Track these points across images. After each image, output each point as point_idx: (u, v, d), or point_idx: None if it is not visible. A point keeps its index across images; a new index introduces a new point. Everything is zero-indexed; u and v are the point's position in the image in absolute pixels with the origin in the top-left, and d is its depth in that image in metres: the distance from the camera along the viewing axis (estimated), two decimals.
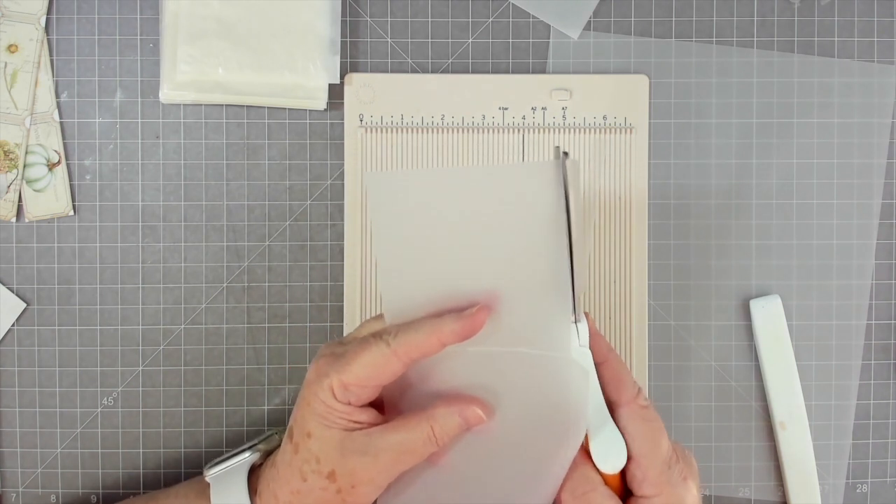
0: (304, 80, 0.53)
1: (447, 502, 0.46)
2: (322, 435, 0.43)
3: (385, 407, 0.46)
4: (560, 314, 0.42)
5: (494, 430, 0.44)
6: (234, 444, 0.54)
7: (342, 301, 0.54)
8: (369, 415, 0.44)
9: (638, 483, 0.42)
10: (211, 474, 0.48)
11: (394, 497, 0.46)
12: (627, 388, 0.44)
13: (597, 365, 0.44)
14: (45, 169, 0.54)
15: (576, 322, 0.43)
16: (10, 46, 0.54)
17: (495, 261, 0.42)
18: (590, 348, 0.43)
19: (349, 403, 0.43)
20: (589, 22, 0.55)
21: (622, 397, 0.44)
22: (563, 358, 0.43)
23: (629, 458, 0.42)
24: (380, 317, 0.46)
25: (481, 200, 0.41)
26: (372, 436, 0.43)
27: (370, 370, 0.42)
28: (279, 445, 0.48)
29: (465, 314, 0.42)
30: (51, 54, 0.54)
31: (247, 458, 0.48)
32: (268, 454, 0.49)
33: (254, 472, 0.48)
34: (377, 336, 0.43)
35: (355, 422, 0.43)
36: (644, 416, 0.43)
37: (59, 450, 0.54)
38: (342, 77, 0.54)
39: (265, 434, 0.50)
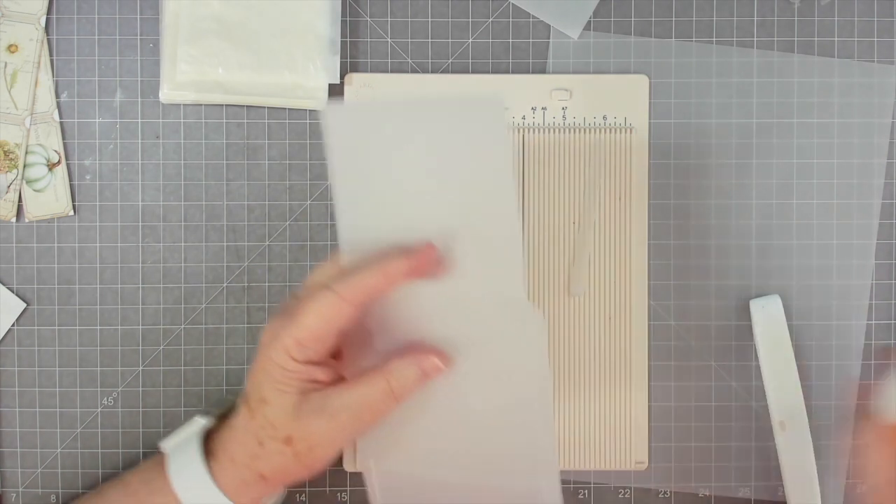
0: (304, 80, 0.53)
1: (425, 443, 0.46)
2: (277, 401, 0.43)
3: (346, 366, 0.45)
4: (511, 256, 0.42)
5: (459, 381, 0.44)
6: None
7: None
8: (328, 373, 0.43)
9: None
10: (165, 444, 0.47)
11: (372, 439, 0.46)
12: None
13: None
14: (45, 169, 0.54)
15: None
16: (10, 46, 0.54)
17: (451, 199, 0.42)
18: None
19: (308, 362, 0.42)
20: (589, 22, 0.55)
21: None
22: (518, 301, 0.43)
23: None
24: (333, 260, 0.45)
25: (435, 135, 0.41)
26: (329, 396, 0.43)
27: (322, 321, 0.41)
28: (234, 407, 0.48)
29: (413, 250, 0.41)
30: (51, 54, 0.54)
31: (199, 422, 0.47)
32: (223, 417, 0.48)
33: (210, 435, 0.47)
34: (323, 285, 0.42)
35: (314, 381, 0.43)
36: None
37: (59, 450, 0.54)
38: (342, 77, 0.54)
39: (220, 398, 0.49)
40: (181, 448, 0.47)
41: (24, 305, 0.54)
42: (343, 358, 0.46)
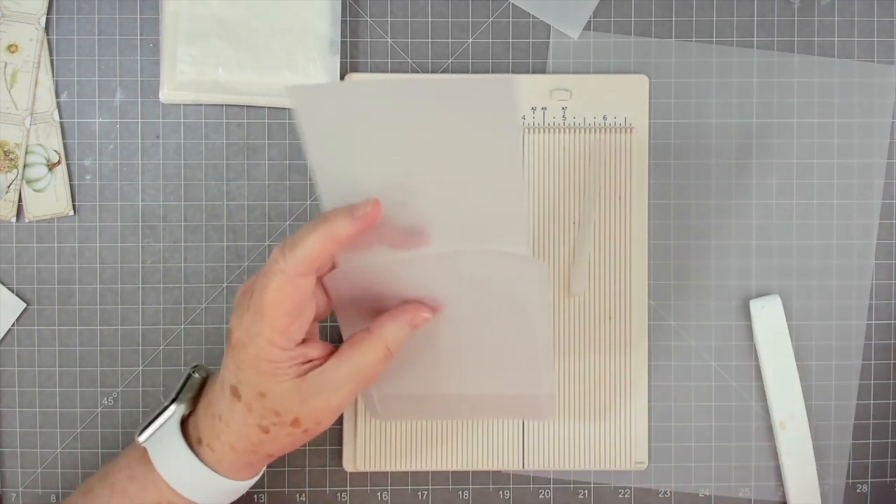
0: (304, 80, 0.53)
1: (424, 364, 0.47)
2: (276, 391, 0.42)
3: (344, 330, 0.46)
4: (513, 213, 0.42)
5: (458, 319, 0.45)
6: None
7: None
8: (318, 349, 0.43)
9: None
10: (143, 438, 0.46)
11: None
12: None
13: None
14: (45, 169, 0.54)
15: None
16: (10, 46, 0.54)
17: (441, 165, 0.41)
18: None
19: (297, 345, 0.42)
20: (589, 22, 0.55)
21: None
22: (519, 255, 0.43)
23: None
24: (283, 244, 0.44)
25: (431, 112, 0.40)
26: (327, 372, 0.43)
27: (286, 303, 0.41)
28: (203, 386, 0.47)
29: (355, 207, 0.41)
30: (51, 54, 0.54)
31: (174, 412, 0.46)
32: (194, 400, 0.47)
33: (187, 421, 0.47)
34: (271, 264, 0.41)
35: (308, 360, 0.43)
36: None
37: (59, 450, 0.54)
38: (342, 77, 0.54)
39: (185, 376, 0.48)
40: (161, 439, 0.46)
41: (24, 305, 0.54)
42: (340, 324, 0.46)
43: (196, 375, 0.48)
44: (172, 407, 0.47)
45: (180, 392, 0.47)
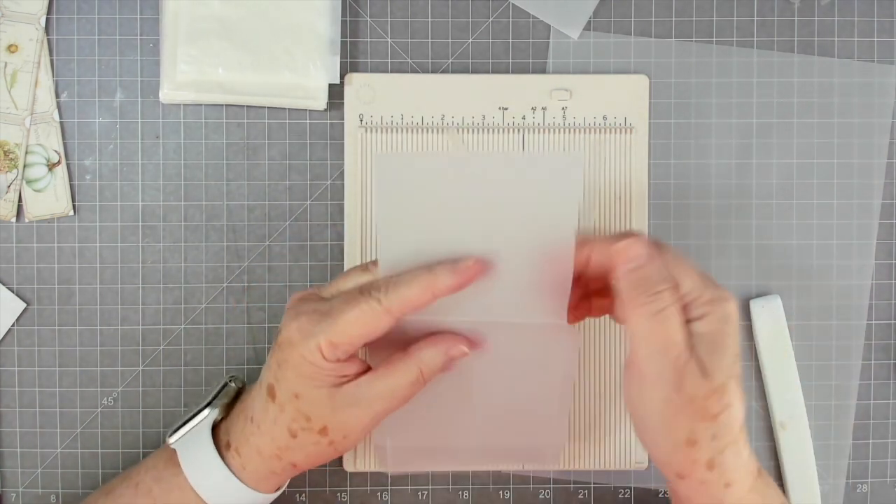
0: (304, 80, 0.53)
1: (440, 414, 0.48)
2: (311, 395, 0.43)
3: (372, 356, 0.46)
4: (559, 286, 0.43)
5: (477, 389, 0.46)
6: None
7: None
8: (355, 366, 0.44)
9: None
10: (174, 440, 0.47)
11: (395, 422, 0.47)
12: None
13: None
14: (45, 169, 0.54)
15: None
16: (10, 46, 0.54)
17: (495, 232, 0.43)
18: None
19: (337, 360, 0.43)
20: (589, 22, 0.55)
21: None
22: (554, 324, 0.44)
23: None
24: (365, 267, 0.45)
25: (491, 181, 0.43)
26: (361, 386, 0.43)
27: (360, 328, 0.42)
28: (238, 395, 0.48)
29: (460, 266, 0.42)
30: (51, 54, 0.54)
31: (207, 415, 0.47)
32: (228, 407, 0.48)
33: (218, 426, 0.47)
34: (365, 292, 0.42)
35: (343, 375, 0.43)
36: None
37: (59, 450, 0.54)
38: (342, 77, 0.54)
39: (221, 383, 0.49)
40: (191, 442, 0.46)
41: (24, 305, 0.54)
42: (370, 348, 0.46)
43: (232, 384, 0.49)
44: (206, 411, 0.47)
45: (215, 397, 0.48)
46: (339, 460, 0.54)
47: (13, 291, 0.54)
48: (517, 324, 0.45)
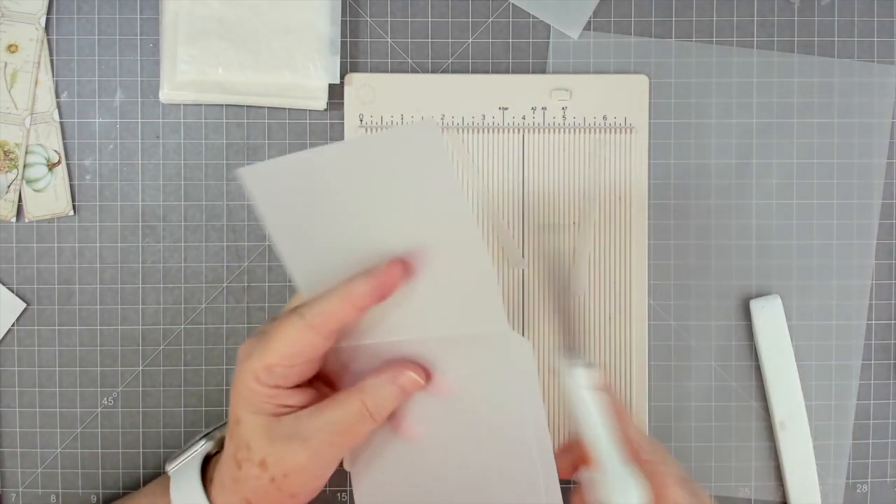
0: (304, 80, 0.53)
1: (424, 478, 0.44)
2: (249, 420, 0.42)
3: (332, 390, 0.44)
4: (484, 286, 0.40)
5: (456, 401, 0.43)
6: None
7: None
8: (300, 397, 0.42)
9: None
10: (171, 468, 0.47)
11: (368, 477, 0.45)
12: (631, 445, 0.42)
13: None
14: (45, 169, 0.54)
15: (583, 364, 0.42)
16: (10, 46, 0.54)
17: (396, 229, 0.40)
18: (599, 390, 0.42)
19: (277, 386, 0.41)
20: (589, 22, 0.55)
21: (626, 453, 0.43)
22: (499, 334, 0.41)
23: None
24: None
25: (373, 173, 0.39)
26: (300, 419, 0.41)
27: (290, 348, 0.40)
28: None
29: (375, 271, 0.40)
30: (51, 54, 0.54)
31: (200, 447, 0.47)
32: (223, 441, 0.48)
33: (211, 460, 0.47)
34: (294, 311, 0.41)
35: (284, 405, 0.42)
36: (650, 470, 0.41)
37: (59, 450, 0.54)
38: (342, 77, 0.54)
39: (224, 420, 0.49)
40: (183, 472, 0.47)
41: (24, 305, 0.54)
42: (329, 382, 0.45)
43: None
44: (202, 442, 0.48)
45: (214, 430, 0.48)
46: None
47: (13, 291, 0.54)
48: (463, 337, 0.41)
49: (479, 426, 0.43)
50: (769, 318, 0.54)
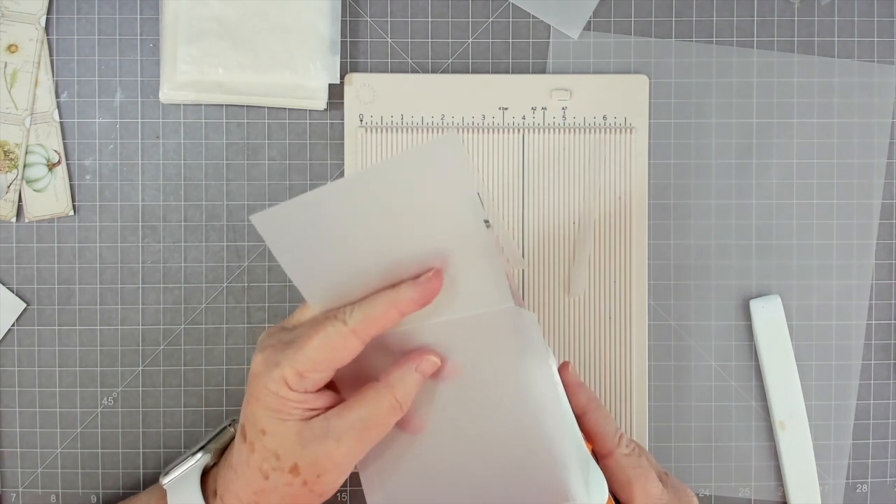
0: (304, 80, 0.53)
1: (433, 471, 0.45)
2: (277, 430, 0.41)
3: (343, 388, 0.44)
4: (493, 271, 0.41)
5: (464, 391, 0.43)
6: None
7: None
8: (325, 398, 0.42)
9: None
10: (166, 480, 0.46)
11: (377, 471, 0.45)
12: (609, 438, 0.44)
13: (578, 417, 0.44)
14: (45, 169, 0.54)
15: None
16: (10, 46, 0.54)
17: (415, 245, 0.41)
18: (569, 398, 0.44)
19: (306, 391, 0.41)
20: (589, 22, 0.55)
21: (604, 448, 0.44)
22: (506, 309, 0.42)
23: None
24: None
25: (380, 194, 0.40)
26: (331, 419, 0.41)
27: (326, 353, 0.40)
28: (233, 439, 0.47)
29: (421, 280, 0.41)
30: (51, 54, 0.54)
31: (198, 460, 0.47)
32: (221, 452, 0.47)
33: (209, 472, 0.47)
34: (331, 316, 0.41)
35: (312, 409, 0.41)
36: (628, 463, 0.43)
37: (59, 450, 0.54)
38: (342, 77, 0.54)
39: (220, 427, 0.49)
40: (181, 485, 0.46)
41: (24, 305, 0.54)
42: (338, 381, 0.44)
43: (231, 429, 0.48)
44: (199, 455, 0.47)
45: (210, 442, 0.47)
46: None
47: (13, 291, 0.54)
48: (467, 318, 0.42)
49: (486, 405, 0.43)
50: (769, 318, 0.54)
